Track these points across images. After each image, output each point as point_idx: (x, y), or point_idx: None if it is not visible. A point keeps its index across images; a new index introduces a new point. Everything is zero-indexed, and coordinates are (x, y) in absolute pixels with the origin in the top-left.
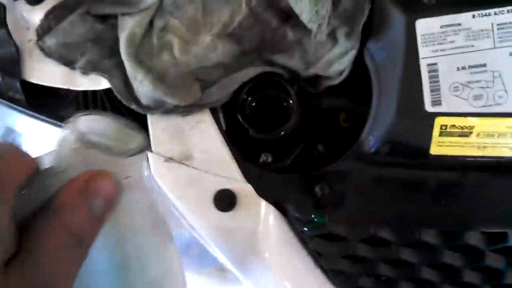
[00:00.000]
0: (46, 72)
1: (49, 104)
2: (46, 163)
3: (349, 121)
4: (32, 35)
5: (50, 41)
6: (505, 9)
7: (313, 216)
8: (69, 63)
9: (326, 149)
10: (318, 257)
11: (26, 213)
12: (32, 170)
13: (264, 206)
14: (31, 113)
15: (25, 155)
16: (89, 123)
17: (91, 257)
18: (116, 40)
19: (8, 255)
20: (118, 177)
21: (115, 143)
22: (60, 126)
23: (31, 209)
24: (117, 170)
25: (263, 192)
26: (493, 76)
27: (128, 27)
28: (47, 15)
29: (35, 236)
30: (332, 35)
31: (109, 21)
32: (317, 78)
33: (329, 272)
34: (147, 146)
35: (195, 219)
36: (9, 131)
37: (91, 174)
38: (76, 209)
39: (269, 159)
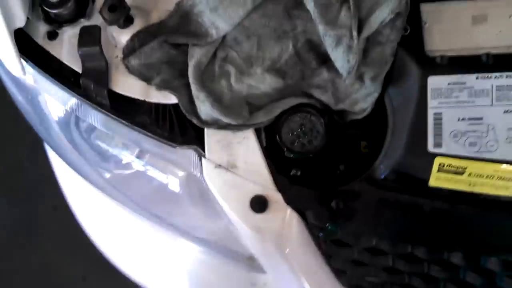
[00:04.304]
0: (128, 85)
1: (128, 110)
2: None
3: (369, 148)
4: (118, 52)
5: (133, 61)
6: (504, 74)
7: (327, 225)
8: (147, 80)
9: (346, 169)
10: (328, 258)
11: None
12: None
13: (289, 212)
14: (113, 116)
15: None
16: None
17: None
18: (185, 64)
19: None
20: None
21: None
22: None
23: None
24: None
25: (289, 201)
26: (488, 129)
27: (196, 56)
28: (133, 38)
29: None
30: (360, 79)
31: (182, 47)
32: (344, 112)
33: (335, 272)
34: None
35: (234, 216)
36: None
37: None
38: None
39: (298, 173)
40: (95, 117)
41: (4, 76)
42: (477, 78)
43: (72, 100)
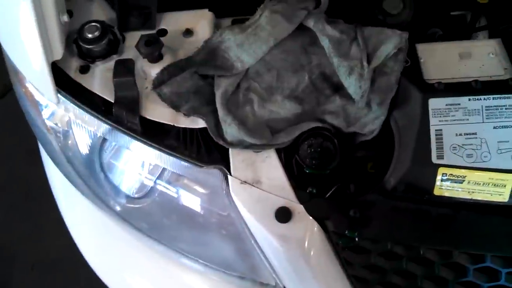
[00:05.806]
0: (158, 112)
1: (157, 135)
2: None
3: (374, 168)
4: (148, 84)
5: (166, 89)
6: (491, 96)
7: (346, 232)
8: (176, 107)
9: (356, 188)
10: (346, 265)
11: None
12: None
13: (311, 222)
14: (143, 139)
15: None
16: None
17: None
18: (211, 94)
19: None
20: None
21: None
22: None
23: None
24: None
25: (311, 211)
26: (481, 142)
27: (223, 86)
28: (163, 71)
29: None
30: (368, 104)
31: (207, 79)
32: (354, 134)
33: (352, 279)
34: None
35: (260, 227)
36: None
37: None
38: None
39: (314, 191)
40: (125, 142)
41: (30, 108)
42: (469, 99)
43: (102, 127)
